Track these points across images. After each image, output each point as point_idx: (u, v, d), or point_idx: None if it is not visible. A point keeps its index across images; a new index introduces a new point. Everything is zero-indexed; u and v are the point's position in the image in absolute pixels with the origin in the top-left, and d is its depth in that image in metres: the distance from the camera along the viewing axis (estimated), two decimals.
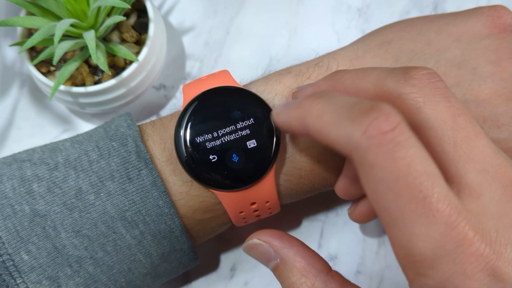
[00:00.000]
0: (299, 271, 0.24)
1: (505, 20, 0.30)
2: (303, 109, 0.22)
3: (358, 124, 0.19)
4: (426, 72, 0.22)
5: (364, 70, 0.24)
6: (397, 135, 0.19)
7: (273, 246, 0.25)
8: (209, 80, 0.29)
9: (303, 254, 0.24)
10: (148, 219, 0.28)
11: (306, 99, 0.23)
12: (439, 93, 0.21)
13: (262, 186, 0.28)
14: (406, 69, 0.22)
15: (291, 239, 0.25)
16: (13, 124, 0.39)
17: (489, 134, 0.28)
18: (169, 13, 0.42)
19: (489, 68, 0.29)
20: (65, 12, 0.33)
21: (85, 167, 0.28)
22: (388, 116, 0.19)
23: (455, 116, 0.21)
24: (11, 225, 0.26)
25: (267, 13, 0.42)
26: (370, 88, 0.23)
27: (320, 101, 0.22)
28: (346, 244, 0.36)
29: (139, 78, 0.35)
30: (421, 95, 0.21)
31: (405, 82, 0.22)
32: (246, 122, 0.28)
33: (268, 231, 0.25)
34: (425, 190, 0.19)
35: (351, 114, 0.20)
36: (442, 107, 0.21)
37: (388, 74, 0.23)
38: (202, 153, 0.27)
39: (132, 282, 0.29)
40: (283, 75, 0.30)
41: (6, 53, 0.41)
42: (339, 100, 0.21)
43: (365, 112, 0.20)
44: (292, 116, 0.24)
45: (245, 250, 0.26)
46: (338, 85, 0.25)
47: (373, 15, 0.42)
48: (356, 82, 0.24)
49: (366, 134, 0.19)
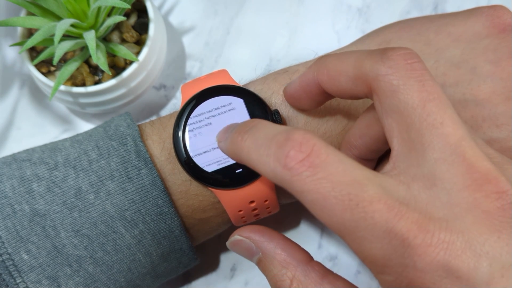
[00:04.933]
0: (279, 263, 0.24)
1: (504, 20, 0.30)
2: (236, 147, 0.24)
3: (277, 159, 0.21)
4: (403, 52, 0.22)
5: (345, 53, 0.24)
6: (313, 159, 0.20)
7: (253, 240, 0.25)
8: (207, 80, 0.29)
9: (283, 246, 0.25)
10: (148, 219, 0.28)
11: (236, 135, 0.24)
12: (414, 76, 0.21)
13: (261, 185, 0.28)
14: (384, 50, 0.22)
15: (271, 233, 0.25)
16: (13, 124, 0.39)
17: (488, 133, 0.28)
18: (169, 13, 0.42)
19: (489, 68, 0.29)
20: (65, 12, 0.33)
21: (84, 166, 0.28)
22: (300, 145, 0.20)
23: (426, 101, 0.21)
24: (11, 225, 0.26)
25: (267, 13, 0.42)
26: (350, 70, 0.23)
27: (247, 138, 0.23)
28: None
29: (139, 78, 0.35)
30: (396, 78, 0.21)
31: (382, 63, 0.22)
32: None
33: (248, 227, 0.26)
34: (355, 197, 0.19)
35: (271, 150, 0.21)
36: (414, 91, 0.21)
37: (367, 55, 0.23)
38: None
39: (132, 281, 0.29)
40: (280, 74, 0.31)
41: (6, 53, 0.41)
42: (261, 135, 0.22)
43: (281, 145, 0.21)
44: (229, 150, 0.25)
45: (229, 247, 0.27)
46: (322, 70, 0.25)
47: (373, 15, 0.42)
48: (337, 65, 0.24)
49: (286, 166, 0.20)
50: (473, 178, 0.20)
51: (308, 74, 0.26)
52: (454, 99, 0.29)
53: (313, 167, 0.20)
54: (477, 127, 0.28)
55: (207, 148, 0.28)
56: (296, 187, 0.20)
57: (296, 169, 0.20)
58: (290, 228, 0.37)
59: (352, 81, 0.23)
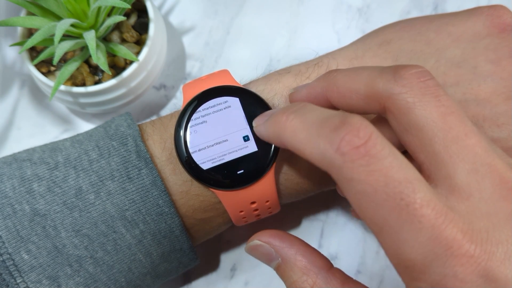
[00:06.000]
0: (300, 269, 0.24)
1: (504, 20, 0.30)
2: (279, 126, 0.23)
3: (330, 142, 0.20)
4: (416, 71, 0.22)
5: (355, 70, 0.24)
6: (370, 148, 0.19)
7: (273, 246, 0.25)
8: (209, 80, 0.29)
9: (304, 253, 0.24)
10: (148, 219, 0.28)
11: (281, 114, 0.23)
12: (429, 93, 0.21)
13: (262, 186, 0.28)
14: (396, 68, 0.22)
15: (291, 238, 0.25)
16: (13, 124, 0.39)
17: (489, 133, 0.28)
18: (170, 13, 0.42)
19: (489, 67, 0.29)
20: (65, 12, 0.33)
21: (85, 166, 0.28)
22: (358, 130, 0.19)
23: (445, 115, 0.21)
24: (11, 225, 0.26)
25: (267, 13, 0.42)
26: (362, 88, 0.23)
27: (294, 118, 0.22)
28: (347, 244, 0.36)
29: (139, 78, 0.35)
30: (411, 96, 0.21)
31: (395, 82, 0.22)
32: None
33: (268, 232, 0.26)
34: (407, 197, 0.19)
35: (323, 131, 0.20)
36: (432, 107, 0.21)
37: (378, 74, 0.23)
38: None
39: (132, 281, 0.29)
40: (282, 74, 0.31)
41: (6, 53, 0.41)
42: (311, 116, 0.22)
43: (336, 128, 0.20)
44: (269, 131, 0.24)
45: (248, 251, 0.26)
46: (331, 86, 0.25)
47: (373, 15, 0.42)
48: (347, 83, 0.24)
49: (339, 151, 0.19)
50: (507, 188, 0.20)
51: (317, 88, 0.26)
52: (454, 98, 0.29)
53: (369, 157, 0.19)
54: (477, 127, 0.28)
55: (202, 146, 0.28)
56: (346, 174, 0.19)
57: (350, 155, 0.19)
58: (290, 228, 0.37)
59: (363, 99, 0.23)
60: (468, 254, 0.19)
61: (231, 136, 0.28)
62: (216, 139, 0.28)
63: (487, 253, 0.19)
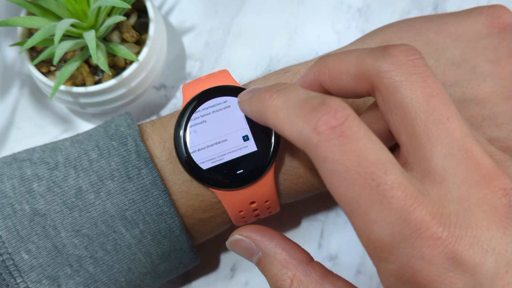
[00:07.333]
0: (280, 262, 0.24)
1: (504, 20, 0.30)
2: (262, 104, 0.23)
3: (307, 121, 0.20)
4: (405, 48, 0.22)
5: (346, 52, 0.24)
6: (346, 129, 0.20)
7: (253, 240, 0.25)
8: (208, 80, 0.29)
9: (284, 246, 0.25)
10: (148, 218, 0.28)
11: (265, 93, 0.23)
12: (417, 72, 0.21)
13: (262, 185, 0.28)
14: (385, 47, 0.22)
15: (272, 232, 0.25)
16: (13, 124, 0.39)
17: (488, 132, 0.28)
18: (169, 13, 0.42)
19: (489, 67, 0.29)
20: (65, 12, 0.33)
21: (85, 166, 0.28)
22: (336, 111, 0.20)
23: (430, 97, 0.21)
24: (11, 224, 0.26)
25: (267, 13, 0.42)
26: (351, 68, 0.23)
27: (276, 97, 0.22)
28: (347, 244, 0.36)
29: (139, 78, 0.35)
30: (399, 74, 0.21)
31: (383, 60, 0.22)
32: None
33: (249, 227, 0.26)
34: (378, 178, 0.19)
35: (302, 111, 0.21)
36: (418, 87, 0.21)
37: (368, 53, 0.23)
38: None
39: (132, 281, 0.29)
40: (281, 74, 0.31)
41: (6, 53, 0.41)
42: (293, 96, 0.22)
43: (315, 108, 0.20)
44: (252, 108, 0.24)
45: (229, 247, 0.27)
46: (323, 69, 0.25)
47: (373, 15, 0.42)
48: (338, 64, 0.24)
49: (316, 130, 0.20)
50: (481, 174, 0.20)
51: (309, 75, 0.26)
52: (454, 98, 0.29)
53: (344, 137, 0.19)
54: (477, 127, 0.28)
55: (201, 145, 0.28)
56: (320, 153, 0.20)
57: (326, 134, 0.20)
58: (290, 228, 0.37)
59: (353, 79, 0.23)
60: (435, 236, 0.19)
61: (230, 136, 0.28)
62: (216, 139, 0.28)
63: (455, 237, 0.19)
